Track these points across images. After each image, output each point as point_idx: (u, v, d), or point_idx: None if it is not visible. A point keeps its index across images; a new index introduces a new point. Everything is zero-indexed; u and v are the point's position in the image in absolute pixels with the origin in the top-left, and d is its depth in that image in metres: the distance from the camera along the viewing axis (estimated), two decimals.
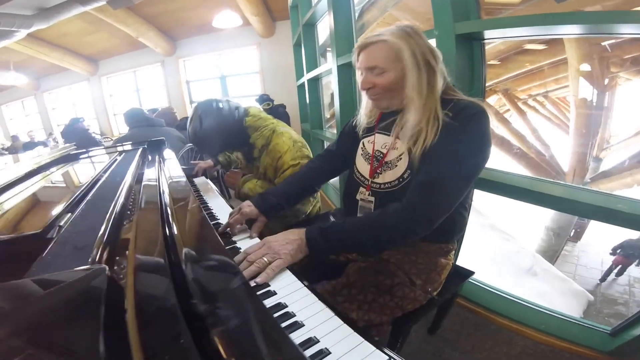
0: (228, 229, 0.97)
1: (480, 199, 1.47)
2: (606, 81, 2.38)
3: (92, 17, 4.99)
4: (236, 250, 0.88)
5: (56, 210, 0.62)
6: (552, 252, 3.43)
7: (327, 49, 3.43)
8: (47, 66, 6.93)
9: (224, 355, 0.33)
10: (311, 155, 1.45)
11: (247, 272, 0.69)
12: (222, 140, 1.40)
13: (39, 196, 0.82)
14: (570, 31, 1.12)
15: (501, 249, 3.28)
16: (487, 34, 1.21)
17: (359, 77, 0.89)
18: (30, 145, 5.83)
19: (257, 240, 0.94)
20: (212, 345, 0.33)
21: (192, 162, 1.57)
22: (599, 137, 2.71)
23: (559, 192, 1.11)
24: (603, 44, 2.26)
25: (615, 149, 2.69)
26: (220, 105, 1.38)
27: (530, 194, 1.17)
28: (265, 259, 0.72)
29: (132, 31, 5.64)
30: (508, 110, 3.33)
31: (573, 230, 3.49)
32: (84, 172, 1.18)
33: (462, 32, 1.19)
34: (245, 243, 0.92)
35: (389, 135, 0.90)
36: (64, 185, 1.02)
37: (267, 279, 0.69)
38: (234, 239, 0.95)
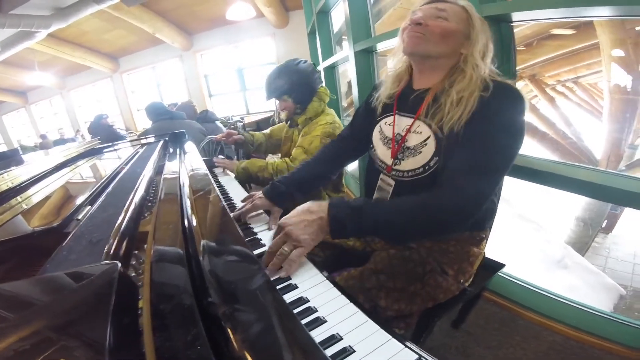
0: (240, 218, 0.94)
1: (507, 187, 1.40)
2: None
3: (108, 15, 5.10)
4: (257, 242, 0.85)
5: (74, 204, 0.62)
6: (581, 244, 3.27)
7: (343, 36, 3.35)
8: (71, 65, 7.17)
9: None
10: None
11: (270, 266, 0.65)
12: (297, 81, 1.52)
13: (61, 190, 0.83)
14: (602, 13, 1.04)
15: (530, 239, 3.14)
16: (515, 15, 1.16)
17: (407, 20, 0.81)
18: (60, 142, 6.06)
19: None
20: (229, 347, 0.32)
21: (215, 160, 1.59)
22: (636, 123, 2.55)
23: (594, 178, 1.05)
24: (638, 28, 2.12)
25: None
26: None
27: (563, 180, 1.10)
28: (286, 249, 0.66)
29: (148, 27, 5.73)
30: (535, 96, 3.17)
31: (605, 221, 3.32)
32: (105, 165, 1.20)
33: (489, 14, 1.15)
34: (265, 234, 0.89)
35: (410, 117, 0.84)
36: (86, 179, 1.04)
37: (289, 272, 0.65)
38: (255, 229, 0.92)
